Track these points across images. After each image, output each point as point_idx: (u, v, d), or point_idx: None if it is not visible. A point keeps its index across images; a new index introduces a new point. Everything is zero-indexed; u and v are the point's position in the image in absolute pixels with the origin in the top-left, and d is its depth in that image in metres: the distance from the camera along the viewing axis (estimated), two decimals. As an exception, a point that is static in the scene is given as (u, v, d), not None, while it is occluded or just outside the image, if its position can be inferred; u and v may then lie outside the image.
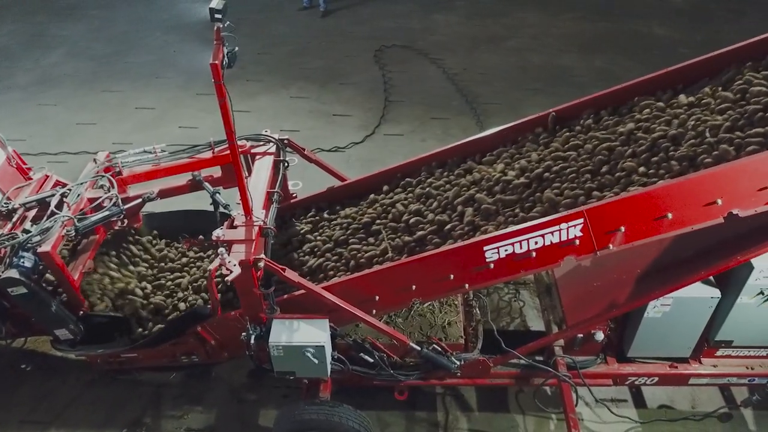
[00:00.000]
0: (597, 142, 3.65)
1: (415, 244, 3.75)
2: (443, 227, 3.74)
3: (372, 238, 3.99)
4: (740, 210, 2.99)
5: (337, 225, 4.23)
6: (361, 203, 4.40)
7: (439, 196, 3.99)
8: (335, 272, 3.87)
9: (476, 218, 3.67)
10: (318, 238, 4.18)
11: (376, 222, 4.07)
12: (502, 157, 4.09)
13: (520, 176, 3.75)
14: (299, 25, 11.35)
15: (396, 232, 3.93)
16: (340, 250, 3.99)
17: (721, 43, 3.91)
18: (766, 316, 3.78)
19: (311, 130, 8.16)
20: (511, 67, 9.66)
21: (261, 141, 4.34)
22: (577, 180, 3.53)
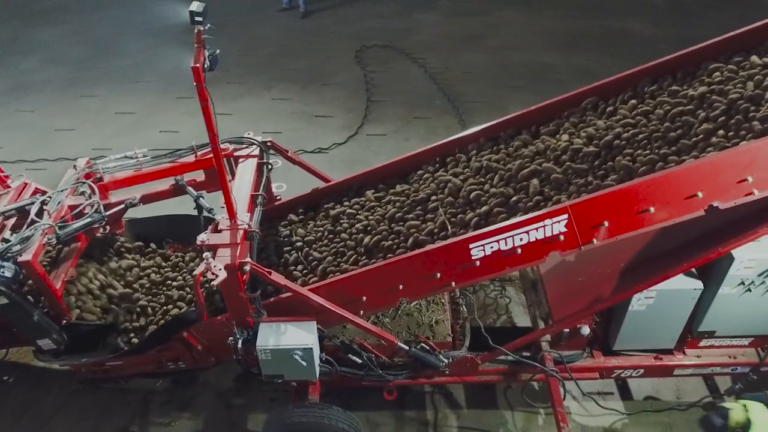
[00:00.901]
0: (669, 107, 3.54)
1: (479, 218, 3.63)
2: (509, 199, 3.64)
3: (430, 215, 3.88)
4: (720, 202, 3.03)
5: (389, 203, 4.14)
6: (411, 180, 4.31)
7: (501, 170, 3.86)
8: (396, 248, 3.78)
9: (545, 188, 3.58)
10: (370, 218, 4.07)
11: (431, 198, 3.99)
12: (563, 128, 3.99)
13: (589, 144, 3.66)
14: (280, 27, 11.31)
15: (454, 207, 3.84)
16: (398, 228, 3.88)
17: (698, 38, 3.96)
18: (748, 306, 3.84)
19: (294, 132, 8.13)
20: (492, 66, 9.71)
21: (244, 144, 4.32)
22: (649, 146, 3.43)
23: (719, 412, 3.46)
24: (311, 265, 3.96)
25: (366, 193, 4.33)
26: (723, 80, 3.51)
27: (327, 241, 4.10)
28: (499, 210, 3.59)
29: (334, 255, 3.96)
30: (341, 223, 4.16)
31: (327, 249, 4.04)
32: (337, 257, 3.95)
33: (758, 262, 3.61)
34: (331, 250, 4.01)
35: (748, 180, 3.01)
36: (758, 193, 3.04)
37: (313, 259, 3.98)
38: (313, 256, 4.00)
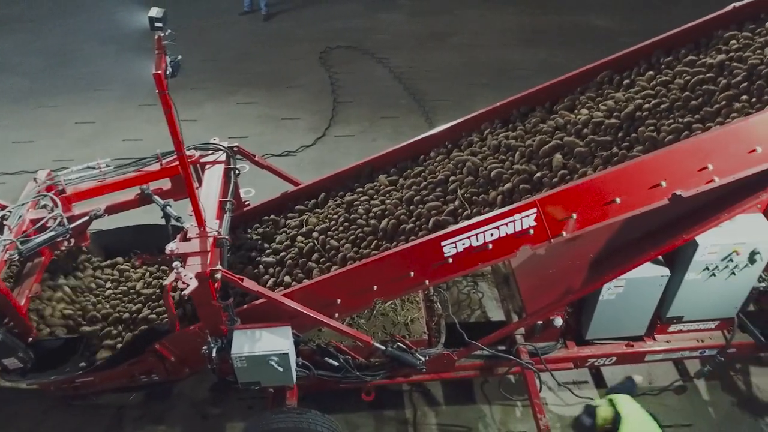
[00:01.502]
0: (688, 77, 3.57)
1: (503, 196, 3.61)
2: (532, 176, 3.62)
3: (450, 196, 3.85)
4: (683, 191, 3.11)
5: (406, 186, 4.10)
6: (425, 163, 4.28)
7: (520, 147, 3.82)
8: (417, 230, 3.74)
9: (569, 162, 3.56)
10: (387, 202, 4.03)
11: (450, 179, 3.95)
12: (581, 102, 3.99)
13: (610, 117, 3.65)
14: (241, 31, 11.19)
15: (475, 186, 3.80)
16: (418, 210, 3.83)
17: (659, 30, 4.06)
18: (713, 291, 3.94)
19: (260, 136, 8.06)
20: (456, 64, 9.77)
21: (210, 150, 4.27)
22: (672, 115, 3.45)
23: (587, 411, 3.45)
24: (329, 254, 3.89)
25: (379, 177, 4.29)
26: (740, 47, 3.55)
27: (343, 229, 4.03)
28: (525, 187, 3.56)
29: (352, 242, 3.89)
30: (356, 209, 4.09)
31: (344, 236, 3.97)
32: (355, 244, 3.88)
33: (721, 247, 3.71)
34: (348, 237, 3.94)
35: (708, 168, 3.09)
36: (718, 180, 3.13)
37: (331, 248, 3.91)
38: (330, 245, 3.92)
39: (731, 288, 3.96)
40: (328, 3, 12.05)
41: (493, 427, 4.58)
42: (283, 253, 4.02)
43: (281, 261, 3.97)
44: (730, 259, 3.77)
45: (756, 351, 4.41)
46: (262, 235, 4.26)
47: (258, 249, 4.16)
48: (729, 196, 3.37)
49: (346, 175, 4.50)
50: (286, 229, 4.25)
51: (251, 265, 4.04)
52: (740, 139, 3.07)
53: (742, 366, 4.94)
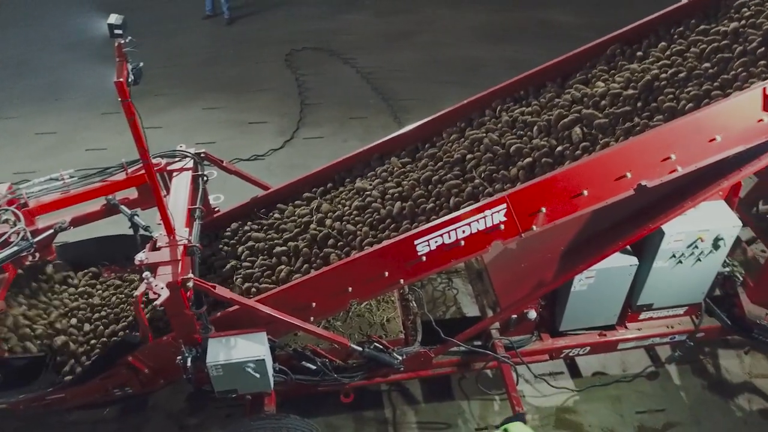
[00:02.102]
0: (704, 45, 3.58)
1: (525, 171, 3.57)
2: (553, 150, 3.58)
3: (469, 174, 3.79)
4: (648, 181, 3.18)
5: (422, 167, 4.03)
6: (438, 144, 4.23)
7: (538, 122, 3.78)
8: (439, 209, 3.72)
9: (591, 132, 3.54)
10: (404, 183, 3.96)
11: (467, 157, 3.89)
12: (594, 76, 3.98)
13: (627, 88, 3.63)
14: (204, 35, 11.06)
15: (494, 163, 3.75)
16: (437, 189, 3.78)
17: (620, 24, 4.13)
18: (680, 278, 4.04)
19: (228, 141, 7.97)
20: (423, 62, 9.81)
21: (176, 157, 4.20)
22: (691, 84, 3.45)
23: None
24: (347, 238, 3.83)
25: (391, 159, 4.25)
26: (753, 14, 3.57)
27: (357, 213, 3.97)
28: (546, 161, 3.54)
29: (370, 226, 3.83)
30: (370, 193, 4.03)
31: (361, 220, 3.91)
32: (372, 227, 3.83)
33: (686, 234, 3.80)
34: (366, 221, 3.88)
35: (671, 158, 3.17)
36: (681, 169, 3.20)
37: (348, 233, 3.85)
38: (347, 230, 3.86)
39: (698, 274, 4.06)
40: (291, 5, 11.98)
41: (472, 422, 4.62)
42: (294, 243, 3.94)
43: (296, 250, 3.89)
44: (696, 246, 3.87)
45: (723, 334, 4.54)
46: (269, 225, 4.19)
47: (267, 239, 4.08)
48: (692, 184, 3.45)
49: (351, 162, 4.45)
50: (295, 217, 4.17)
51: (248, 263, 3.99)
52: (700, 129, 3.14)
53: (710, 349, 5.08)
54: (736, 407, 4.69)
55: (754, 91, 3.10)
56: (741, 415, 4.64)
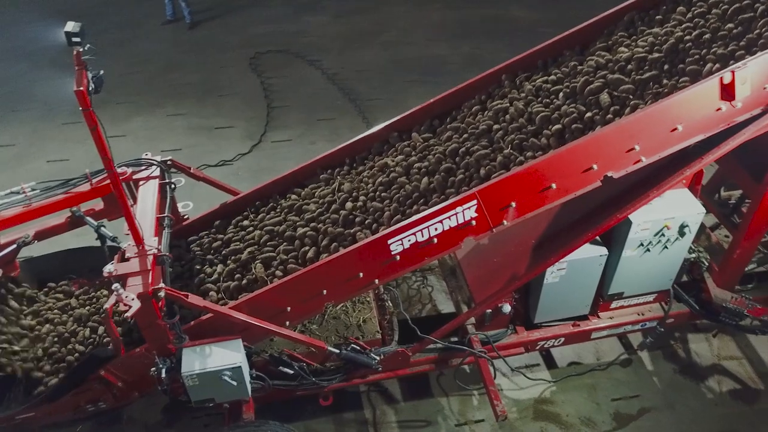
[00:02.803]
0: (726, 6, 3.61)
1: (555, 137, 3.56)
2: (582, 116, 3.56)
3: (497, 144, 3.75)
4: (614, 172, 3.24)
5: (447, 140, 3.99)
6: (462, 114, 4.18)
7: (563, 90, 3.77)
8: (469, 180, 3.68)
9: (619, 97, 3.53)
10: (429, 157, 3.91)
11: (493, 128, 3.86)
12: (616, 41, 3.96)
13: (652, 51, 3.65)
14: (166, 40, 10.87)
15: (522, 132, 3.72)
16: (466, 160, 3.74)
17: (578, 20, 4.20)
18: (649, 265, 4.13)
19: (194, 147, 7.86)
20: (386, 62, 9.83)
21: (142, 165, 4.12)
22: (716, 45, 3.48)
23: None
24: (374, 215, 3.79)
25: (412, 135, 4.22)
26: None
27: (383, 188, 3.93)
28: (577, 127, 3.53)
29: (398, 202, 3.78)
30: (394, 170, 3.99)
31: (387, 196, 3.86)
32: (400, 203, 3.78)
33: (653, 223, 3.88)
34: (393, 197, 3.83)
35: (635, 149, 3.23)
36: (645, 159, 3.28)
37: (375, 210, 3.81)
38: (374, 207, 3.82)
39: (665, 261, 4.15)
40: (252, 8, 11.87)
41: (452, 418, 4.64)
42: (316, 224, 3.91)
43: (322, 231, 3.85)
44: (662, 234, 3.96)
45: (692, 319, 4.65)
46: (288, 207, 4.16)
47: (281, 223, 4.04)
48: (656, 174, 3.53)
49: (364, 143, 4.41)
50: (316, 198, 4.12)
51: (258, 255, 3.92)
52: (662, 119, 3.22)
53: (680, 334, 5.20)
54: (706, 389, 4.82)
55: (711, 81, 3.18)
56: (712, 397, 4.76)
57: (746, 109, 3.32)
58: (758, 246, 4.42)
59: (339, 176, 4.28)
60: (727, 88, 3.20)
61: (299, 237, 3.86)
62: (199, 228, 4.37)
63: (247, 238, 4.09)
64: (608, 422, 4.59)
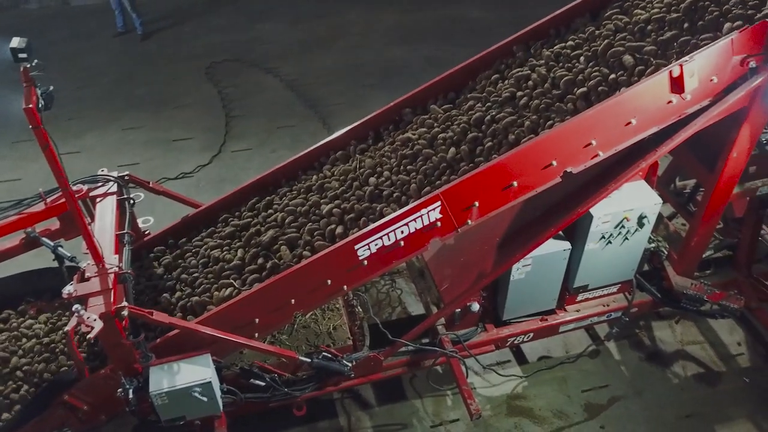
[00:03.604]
0: None
1: (582, 100, 3.56)
2: (607, 78, 3.56)
3: (525, 110, 3.74)
4: (573, 167, 3.30)
5: (469, 109, 3.99)
6: (480, 84, 4.16)
7: (585, 53, 3.79)
8: (499, 147, 3.65)
9: (642, 58, 3.53)
10: (454, 128, 3.88)
11: (517, 95, 3.84)
12: (631, 4, 3.97)
13: (669, 12, 3.69)
14: (117, 52, 10.63)
15: (548, 97, 3.71)
16: (493, 127, 3.72)
17: (532, 18, 4.27)
18: (611, 257, 4.22)
19: (152, 161, 7.70)
20: (345, 67, 9.81)
21: (99, 182, 4.02)
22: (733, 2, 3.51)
23: None
24: (402, 188, 3.74)
25: (432, 107, 4.18)
26: None
27: (408, 161, 3.88)
28: (603, 89, 3.53)
29: (424, 174, 3.74)
30: (417, 142, 3.94)
31: (414, 169, 3.82)
32: (427, 176, 3.74)
33: (613, 215, 3.97)
34: (419, 169, 3.79)
35: (592, 143, 3.30)
36: (603, 154, 3.35)
37: (402, 183, 3.76)
38: (400, 179, 3.77)
39: (626, 252, 4.25)
40: (205, 17, 11.71)
41: (427, 420, 4.65)
42: (341, 201, 3.86)
43: (348, 209, 3.80)
44: (622, 226, 4.05)
45: (654, 307, 4.77)
46: (307, 189, 4.12)
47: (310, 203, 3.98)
48: (614, 167, 3.61)
49: (375, 122, 4.39)
50: (336, 176, 4.08)
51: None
52: (617, 114, 3.30)
53: (644, 322, 5.33)
54: (672, 375, 4.94)
55: (661, 75, 3.28)
56: (677, 382, 4.89)
57: (695, 101, 3.43)
58: (714, 233, 4.57)
59: (358, 153, 4.24)
60: (677, 82, 3.30)
61: (325, 214, 3.81)
62: (160, 242, 4.28)
63: (269, 220, 4.03)
64: (580, 413, 4.67)
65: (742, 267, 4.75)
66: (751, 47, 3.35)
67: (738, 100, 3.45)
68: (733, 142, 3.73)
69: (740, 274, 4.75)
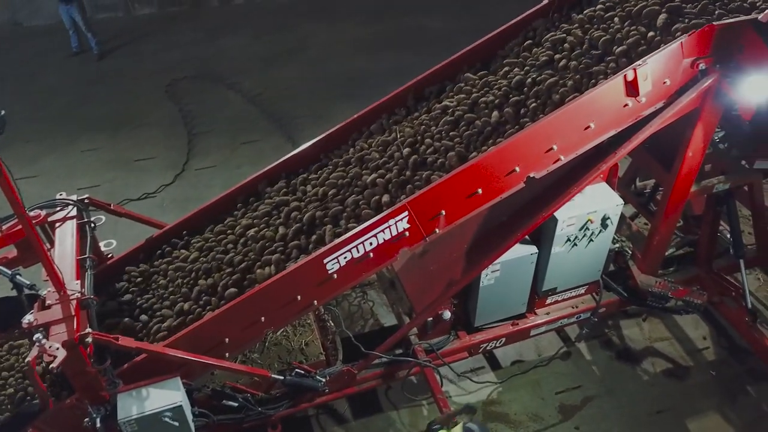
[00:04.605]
0: None
1: (624, 57, 3.60)
2: (645, 36, 3.63)
3: (566, 72, 3.79)
4: (536, 173, 3.35)
5: (502, 76, 4.01)
6: (516, 50, 4.20)
7: (620, 13, 3.85)
8: (544, 107, 3.66)
9: (677, 18, 3.60)
10: (494, 91, 3.89)
11: (556, 57, 3.89)
12: None
13: None
14: (73, 73, 10.43)
15: (586, 57, 3.76)
16: (536, 89, 3.74)
17: (490, 27, 4.35)
18: (577, 259, 4.28)
19: (113, 182, 7.55)
20: (309, 79, 9.81)
21: (57, 206, 3.91)
22: None
23: None
24: (445, 155, 3.71)
25: (466, 75, 4.20)
26: None
27: (450, 127, 3.86)
28: (643, 49, 3.59)
29: (468, 139, 3.75)
30: (458, 109, 3.93)
31: (457, 134, 3.80)
32: (470, 141, 3.74)
33: (577, 218, 4.03)
34: (462, 134, 3.79)
35: (553, 148, 3.36)
36: (564, 158, 3.41)
37: (447, 149, 3.73)
38: (444, 145, 3.75)
39: (592, 254, 4.32)
40: (164, 34, 11.58)
41: (403, 431, 4.63)
42: (383, 171, 3.83)
43: (392, 179, 3.77)
44: (587, 228, 4.12)
45: (622, 306, 4.85)
46: (345, 162, 4.12)
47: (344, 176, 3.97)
48: (576, 170, 3.67)
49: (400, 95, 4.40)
50: (374, 147, 4.06)
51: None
52: (575, 119, 3.36)
53: (613, 322, 5.42)
54: (642, 371, 5.03)
55: (616, 79, 3.36)
56: (647, 378, 4.97)
57: (650, 103, 3.52)
58: (675, 231, 4.68)
59: (392, 124, 4.24)
60: (631, 85, 3.38)
61: (369, 184, 3.78)
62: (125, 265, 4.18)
63: (309, 193, 4.00)
64: (554, 416, 4.71)
65: (703, 263, 4.87)
66: (700, 50, 3.46)
67: (690, 101, 3.56)
68: (688, 142, 3.84)
69: (702, 270, 4.87)
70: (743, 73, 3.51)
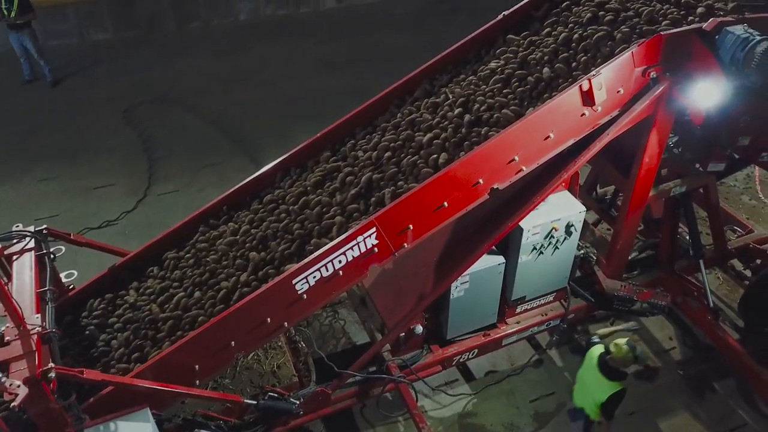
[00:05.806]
0: None
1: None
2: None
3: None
4: (499, 184, 3.40)
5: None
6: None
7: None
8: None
9: None
10: (540, 49, 4.04)
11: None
12: None
13: None
14: (26, 101, 10.14)
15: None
16: (584, 44, 3.90)
17: (446, 42, 4.41)
18: (544, 267, 4.35)
19: (72, 211, 7.35)
20: (270, 99, 9.76)
21: (14, 239, 3.79)
22: None
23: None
24: (500, 111, 3.80)
25: (509, 37, 4.36)
26: None
27: (502, 85, 3.99)
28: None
29: (521, 96, 3.86)
30: (507, 67, 4.06)
31: (510, 91, 3.92)
32: (523, 98, 3.87)
33: (542, 226, 4.11)
34: (515, 90, 3.91)
35: (515, 159, 3.41)
36: (526, 168, 3.47)
37: (501, 105, 3.86)
38: (498, 102, 3.86)
39: (558, 261, 4.39)
40: (119, 59, 11.37)
41: (381, 449, 4.59)
42: (438, 131, 3.88)
43: (448, 138, 3.81)
44: (552, 236, 4.19)
45: (590, 311, 4.94)
46: (394, 127, 4.16)
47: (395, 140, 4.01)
48: (538, 180, 3.74)
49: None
50: (424, 110, 4.13)
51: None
52: (535, 129, 3.44)
53: (582, 327, 5.48)
54: (612, 375, 5.09)
55: (572, 90, 3.45)
56: (618, 381, 5.04)
57: (606, 112, 3.63)
58: (636, 235, 4.79)
59: (442, 87, 4.29)
60: (587, 95, 3.48)
61: (425, 144, 3.80)
62: (87, 296, 4.06)
63: (362, 158, 4.04)
64: (530, 424, 4.74)
65: (665, 265, 4.99)
66: (650, 59, 3.59)
67: (644, 108, 3.68)
68: (644, 148, 3.96)
69: (664, 272, 5.00)
70: (692, 79, 3.65)
